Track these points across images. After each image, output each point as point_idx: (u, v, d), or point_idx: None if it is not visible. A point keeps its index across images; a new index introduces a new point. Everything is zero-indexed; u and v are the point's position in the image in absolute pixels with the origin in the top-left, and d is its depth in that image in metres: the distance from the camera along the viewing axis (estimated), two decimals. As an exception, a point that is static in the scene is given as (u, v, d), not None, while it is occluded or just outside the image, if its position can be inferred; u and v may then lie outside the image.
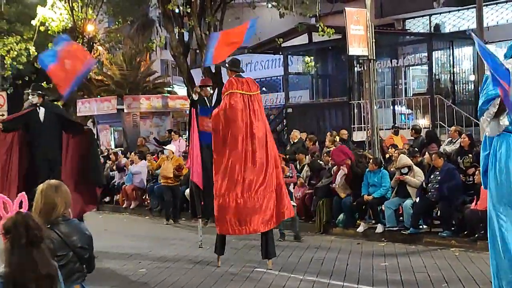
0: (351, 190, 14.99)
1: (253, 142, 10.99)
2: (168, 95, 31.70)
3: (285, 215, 11.39)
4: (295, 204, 14.55)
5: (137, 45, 36.92)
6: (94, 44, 31.13)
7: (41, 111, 12.29)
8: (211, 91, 15.34)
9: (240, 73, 11.53)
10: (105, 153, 23.86)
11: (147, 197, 20.27)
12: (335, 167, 15.38)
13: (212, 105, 13.88)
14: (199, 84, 15.96)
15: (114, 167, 21.87)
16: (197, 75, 24.76)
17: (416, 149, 16.17)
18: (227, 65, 12.03)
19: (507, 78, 6.25)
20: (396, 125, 23.72)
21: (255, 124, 11.06)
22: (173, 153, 18.53)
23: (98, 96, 32.17)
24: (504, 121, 6.84)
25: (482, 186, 11.45)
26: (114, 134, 30.27)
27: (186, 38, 23.94)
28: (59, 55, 11.90)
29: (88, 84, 31.64)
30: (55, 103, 14.25)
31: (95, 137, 12.43)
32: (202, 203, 14.26)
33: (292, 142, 19.27)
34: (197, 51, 27.84)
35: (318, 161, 16.75)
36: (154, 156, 20.76)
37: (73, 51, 12.15)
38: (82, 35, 29.05)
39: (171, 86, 41.49)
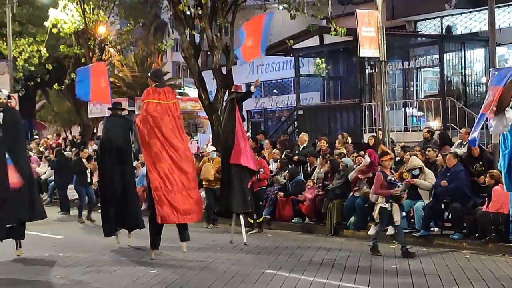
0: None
1: (173, 144, 12.49)
2: (179, 96, 31.72)
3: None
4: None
5: (148, 47, 37.08)
6: (106, 46, 31.20)
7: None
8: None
9: (160, 84, 13.16)
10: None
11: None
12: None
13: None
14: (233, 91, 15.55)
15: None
16: (208, 77, 24.77)
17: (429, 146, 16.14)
18: (149, 75, 13.73)
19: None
20: (407, 127, 23.73)
21: (174, 128, 12.57)
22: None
23: (110, 98, 32.18)
24: (510, 113, 6.84)
25: (504, 189, 11.56)
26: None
27: (197, 40, 23.95)
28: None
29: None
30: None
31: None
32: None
33: (302, 146, 19.18)
34: (208, 53, 27.85)
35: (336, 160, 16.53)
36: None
37: None
38: (93, 37, 29.11)
39: (182, 88, 41.60)
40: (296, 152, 19.08)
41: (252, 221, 16.02)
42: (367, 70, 24.39)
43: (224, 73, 22.82)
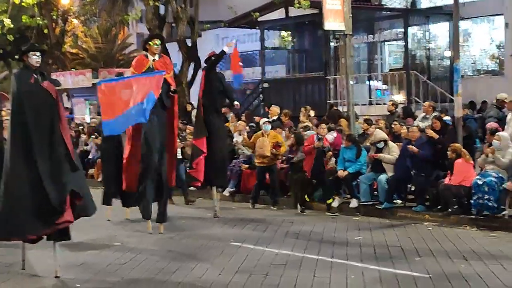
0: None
1: None
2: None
3: None
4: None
5: (112, 18, 36.62)
6: (69, 17, 30.80)
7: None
8: None
9: None
10: (80, 128, 23.75)
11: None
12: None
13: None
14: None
15: (89, 142, 21.71)
16: (173, 48, 24.60)
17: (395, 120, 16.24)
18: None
19: None
20: (371, 100, 23.85)
21: None
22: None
23: (73, 70, 31.89)
24: None
25: None
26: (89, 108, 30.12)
27: (161, 11, 23.75)
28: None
29: (62, 57, 31.32)
30: None
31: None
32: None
33: (272, 119, 19.08)
34: (173, 24, 27.65)
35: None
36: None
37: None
38: (56, 8, 28.72)
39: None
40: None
41: (308, 199, 15.19)
42: (332, 43, 24.43)
43: (189, 45, 22.69)
